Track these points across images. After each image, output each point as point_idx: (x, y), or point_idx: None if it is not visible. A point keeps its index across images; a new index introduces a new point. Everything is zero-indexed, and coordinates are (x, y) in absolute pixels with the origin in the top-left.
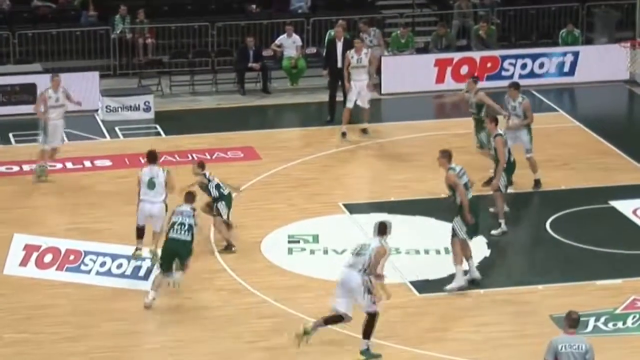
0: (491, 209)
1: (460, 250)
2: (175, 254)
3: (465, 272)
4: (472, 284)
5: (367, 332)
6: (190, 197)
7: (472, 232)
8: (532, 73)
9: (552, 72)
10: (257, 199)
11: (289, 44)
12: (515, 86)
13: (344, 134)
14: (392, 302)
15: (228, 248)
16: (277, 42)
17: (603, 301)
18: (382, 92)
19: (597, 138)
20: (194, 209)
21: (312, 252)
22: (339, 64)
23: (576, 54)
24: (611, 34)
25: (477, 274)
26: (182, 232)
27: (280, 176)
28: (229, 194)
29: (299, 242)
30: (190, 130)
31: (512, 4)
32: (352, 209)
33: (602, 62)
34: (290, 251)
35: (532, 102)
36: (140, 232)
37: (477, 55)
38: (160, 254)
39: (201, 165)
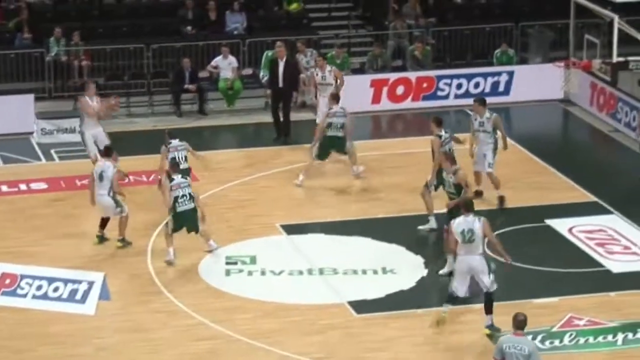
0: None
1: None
2: (187, 223)
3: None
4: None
5: (490, 309)
6: (177, 168)
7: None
8: (468, 93)
9: (487, 92)
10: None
11: (225, 65)
12: (481, 102)
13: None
14: (331, 322)
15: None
16: (213, 63)
17: (540, 319)
18: (318, 112)
19: (532, 157)
20: (186, 178)
21: (249, 273)
22: (280, 84)
23: (511, 74)
24: (545, 54)
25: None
26: (187, 202)
27: (217, 197)
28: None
29: (236, 263)
30: (126, 152)
31: (446, 25)
32: (290, 230)
33: (537, 82)
34: (228, 273)
35: (466, 122)
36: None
37: (412, 75)
38: (172, 226)
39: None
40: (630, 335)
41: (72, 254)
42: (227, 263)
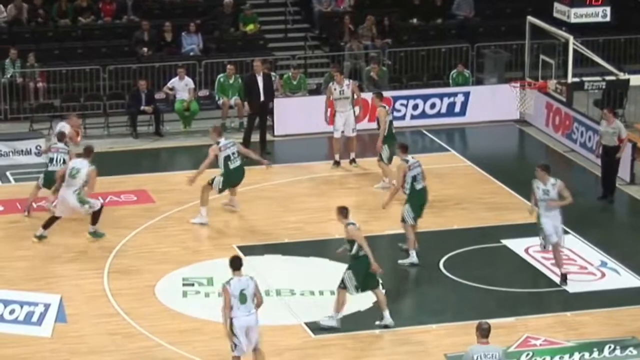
0: (401, 245)
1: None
2: (240, 179)
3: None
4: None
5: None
6: (219, 131)
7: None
8: (424, 113)
9: (443, 113)
10: (151, 242)
11: (181, 86)
12: (545, 168)
13: (337, 163)
14: (288, 343)
15: None
16: (169, 85)
17: (496, 340)
18: (275, 133)
19: (488, 177)
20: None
21: (206, 294)
22: (262, 98)
23: (467, 95)
24: (501, 75)
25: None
26: (237, 159)
27: (174, 219)
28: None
29: (193, 285)
30: None
31: (402, 46)
32: (247, 251)
33: (493, 102)
34: (184, 294)
35: (423, 143)
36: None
37: (369, 96)
38: (222, 185)
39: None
40: (586, 355)
41: (28, 276)
42: (184, 284)
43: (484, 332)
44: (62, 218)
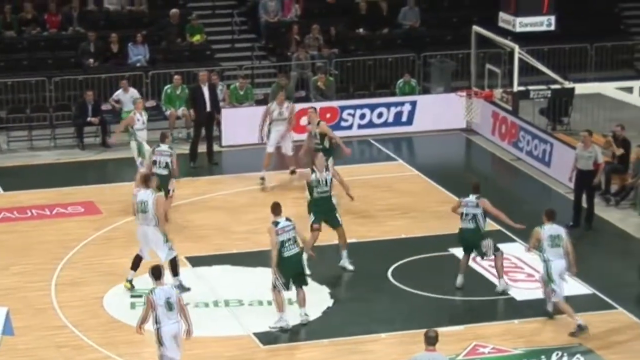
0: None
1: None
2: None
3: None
4: None
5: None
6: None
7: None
8: (371, 123)
9: (390, 122)
10: (99, 254)
11: (127, 99)
12: (550, 214)
13: (262, 179)
14: (236, 354)
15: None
16: (114, 97)
17: (445, 348)
18: (223, 144)
19: (436, 186)
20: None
21: None
22: (208, 108)
23: (414, 104)
24: (447, 84)
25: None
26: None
27: (121, 230)
28: None
29: (141, 296)
30: (29, 186)
31: (349, 55)
32: (195, 261)
33: (439, 111)
34: (132, 306)
35: (370, 152)
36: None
37: (316, 106)
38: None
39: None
40: None
41: None
42: (132, 296)
43: (430, 340)
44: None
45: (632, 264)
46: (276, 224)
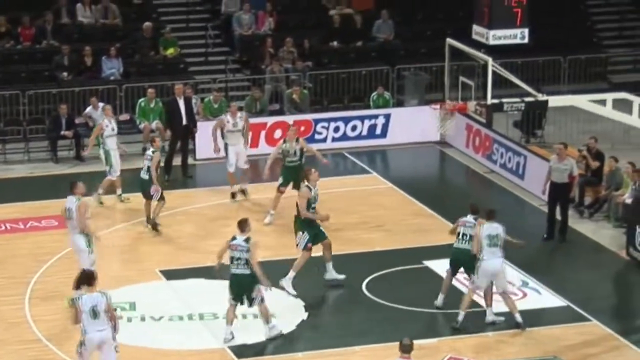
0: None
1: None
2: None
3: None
4: None
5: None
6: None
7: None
8: (345, 136)
9: (364, 135)
10: (73, 267)
11: (98, 115)
12: (489, 214)
13: (233, 195)
14: None
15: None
16: (86, 112)
17: None
18: (197, 157)
19: (410, 199)
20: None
21: (129, 319)
22: (184, 121)
23: (387, 117)
24: (421, 96)
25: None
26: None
27: (95, 244)
28: None
29: (115, 310)
30: (2, 200)
31: (323, 68)
32: (169, 275)
33: (413, 124)
34: None
35: (344, 165)
36: None
37: (290, 119)
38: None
39: None
40: None
41: None
42: None
43: (405, 348)
44: None
45: (606, 275)
46: (233, 238)
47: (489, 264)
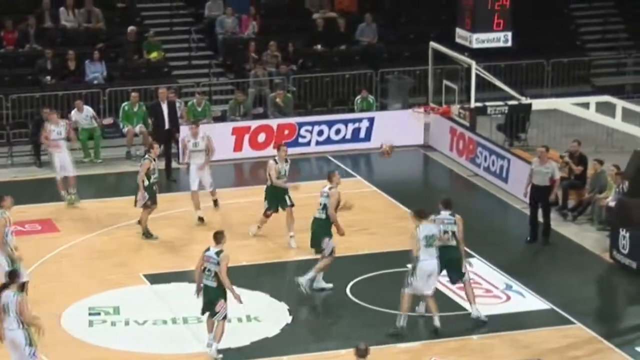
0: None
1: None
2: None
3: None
4: None
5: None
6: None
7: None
8: (329, 139)
9: (348, 138)
10: (57, 271)
11: (82, 118)
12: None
13: (201, 219)
14: None
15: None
16: (71, 116)
17: None
18: (180, 161)
19: (394, 203)
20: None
21: (113, 324)
22: (167, 125)
23: (371, 120)
24: (405, 100)
25: None
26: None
27: (79, 248)
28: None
29: (99, 314)
30: None
31: (307, 72)
32: (153, 279)
33: (397, 128)
34: (90, 324)
35: (328, 168)
36: None
37: (274, 122)
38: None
39: None
40: None
41: None
42: (90, 314)
43: (360, 352)
44: None
45: (590, 278)
46: (207, 249)
47: (426, 264)
